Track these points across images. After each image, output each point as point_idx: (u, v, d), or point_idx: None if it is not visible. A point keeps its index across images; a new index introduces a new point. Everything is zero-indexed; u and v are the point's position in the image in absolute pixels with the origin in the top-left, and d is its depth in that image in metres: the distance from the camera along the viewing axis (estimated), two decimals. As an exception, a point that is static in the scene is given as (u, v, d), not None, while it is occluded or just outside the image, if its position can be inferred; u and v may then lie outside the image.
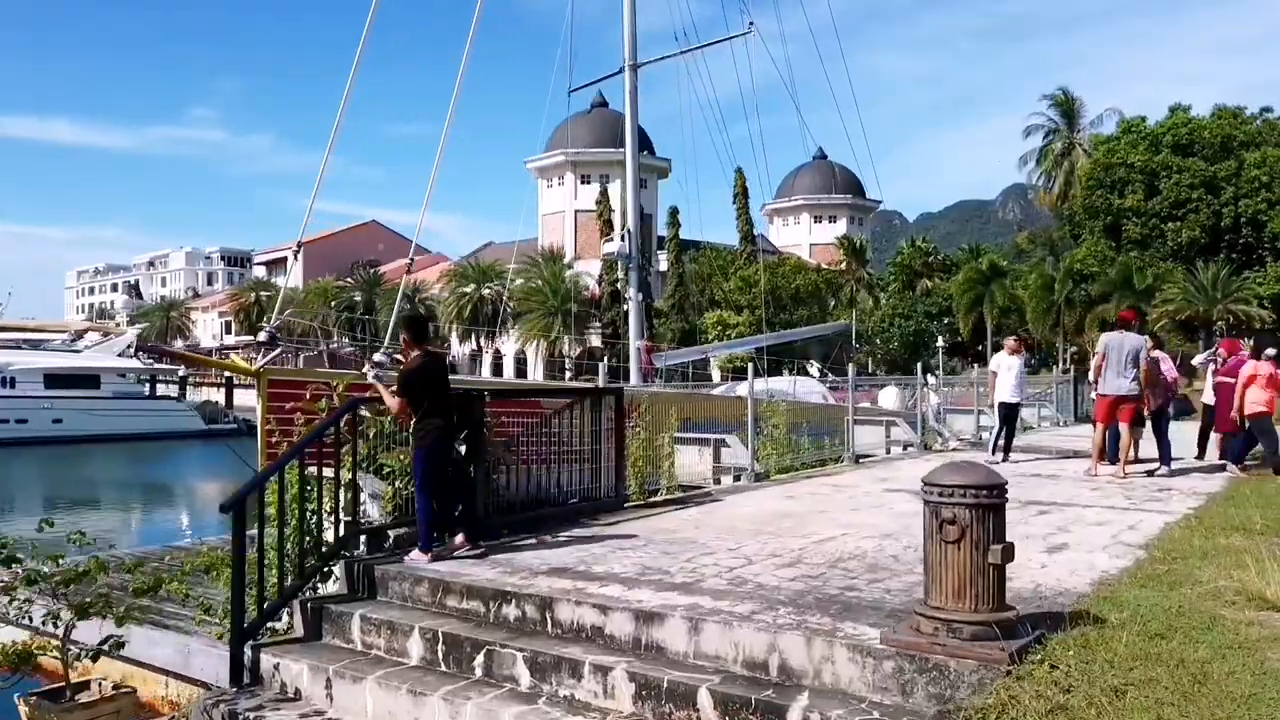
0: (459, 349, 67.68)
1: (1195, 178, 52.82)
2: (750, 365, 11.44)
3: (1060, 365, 53.95)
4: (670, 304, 62.10)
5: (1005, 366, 12.77)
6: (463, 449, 6.74)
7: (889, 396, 20.31)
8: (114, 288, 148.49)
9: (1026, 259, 66.38)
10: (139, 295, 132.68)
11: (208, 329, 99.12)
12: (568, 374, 56.31)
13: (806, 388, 18.81)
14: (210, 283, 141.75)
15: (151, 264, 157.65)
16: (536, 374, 63.49)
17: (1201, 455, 12.74)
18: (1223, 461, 11.73)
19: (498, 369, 71.11)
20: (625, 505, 8.47)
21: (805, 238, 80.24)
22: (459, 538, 6.46)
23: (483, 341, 64.24)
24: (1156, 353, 11.70)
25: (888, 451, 14.83)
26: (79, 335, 52.82)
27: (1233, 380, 11.46)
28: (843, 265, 68.62)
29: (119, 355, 48.36)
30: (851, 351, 65.47)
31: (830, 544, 6.84)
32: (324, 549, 6.14)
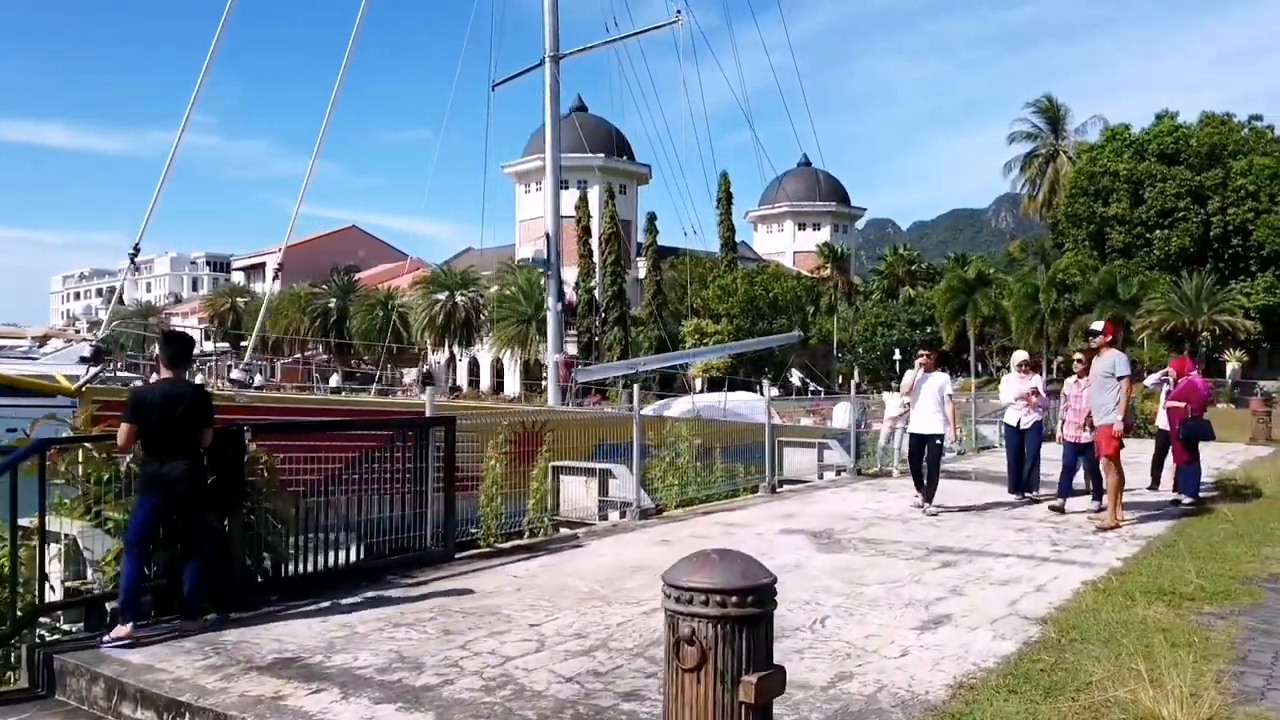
0: (434, 357, 66.39)
1: (1181, 186, 51.83)
2: (635, 385, 10.16)
3: (1044, 376, 52.86)
4: (648, 312, 60.96)
5: (919, 387, 9.73)
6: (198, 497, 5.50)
7: (843, 413, 19.03)
8: (98, 293, 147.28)
9: (1019, 268, 65.37)
10: (121, 301, 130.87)
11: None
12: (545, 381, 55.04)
13: (749, 405, 17.54)
14: (195, 288, 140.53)
15: (137, 269, 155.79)
16: (514, 382, 62.31)
17: (1155, 485, 11.56)
18: (1176, 495, 10.52)
19: (474, 378, 69.87)
20: (457, 556, 7.23)
21: (789, 245, 79.19)
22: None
23: (456, 349, 62.96)
24: None
25: (820, 477, 13.60)
26: (42, 342, 51.60)
27: (1184, 404, 10.29)
28: (826, 272, 67.50)
29: (79, 362, 47.16)
30: (834, 361, 64.43)
31: (661, 616, 5.60)
32: (-1, 630, 4.89)
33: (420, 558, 6.92)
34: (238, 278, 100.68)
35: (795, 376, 63.49)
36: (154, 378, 5.44)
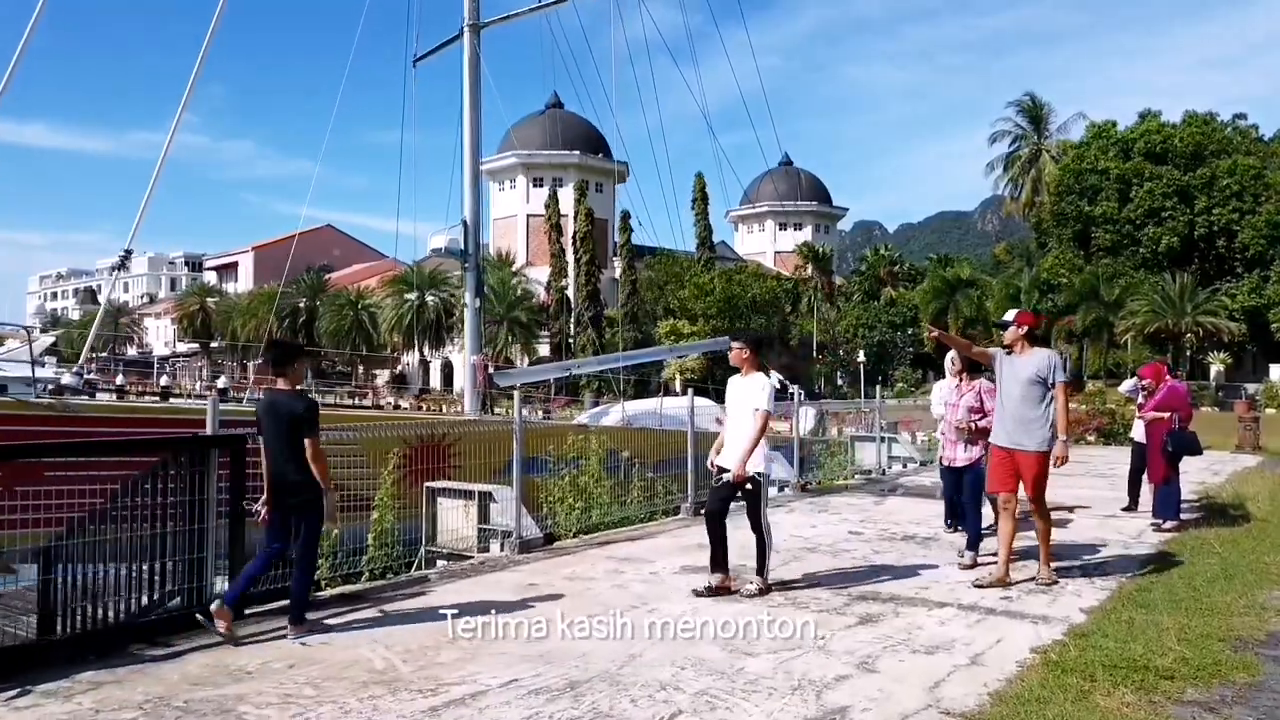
0: (406, 359, 64.72)
1: (1168, 186, 50.82)
2: (517, 394, 8.67)
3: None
4: (624, 312, 59.52)
5: (736, 397, 6.50)
6: None
7: (803, 420, 17.60)
8: (75, 293, 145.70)
9: (1005, 270, 64.37)
10: (95, 300, 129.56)
11: (160, 335, 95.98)
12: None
13: (699, 412, 16.05)
14: (173, 287, 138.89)
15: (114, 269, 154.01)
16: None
17: (1133, 507, 10.17)
18: (1154, 520, 9.13)
19: (448, 380, 68.25)
20: (250, 612, 5.73)
21: (770, 245, 77.94)
22: None
23: (427, 351, 61.33)
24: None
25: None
26: (-2, 343, 49.96)
27: (1166, 415, 8.90)
28: (807, 273, 66.26)
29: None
30: (814, 362, 63.14)
31: (450, 711, 4.14)
32: None
33: (192, 616, 5.42)
34: (210, 277, 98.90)
35: (774, 378, 62.19)
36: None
